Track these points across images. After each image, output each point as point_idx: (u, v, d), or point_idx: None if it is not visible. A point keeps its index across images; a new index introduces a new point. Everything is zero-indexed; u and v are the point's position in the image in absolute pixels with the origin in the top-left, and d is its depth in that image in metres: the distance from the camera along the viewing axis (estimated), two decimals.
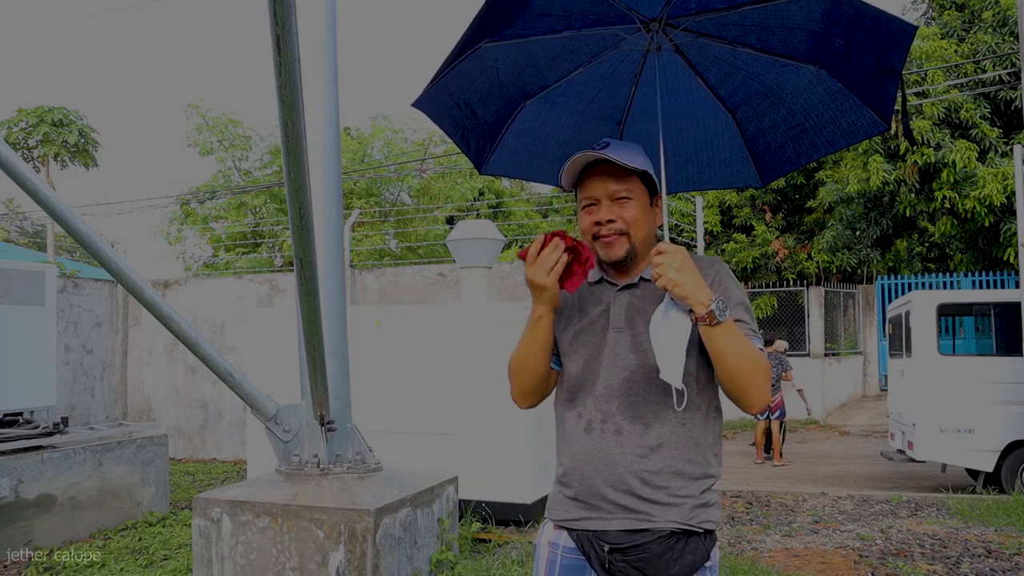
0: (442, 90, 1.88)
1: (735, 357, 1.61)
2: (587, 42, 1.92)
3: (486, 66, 1.86)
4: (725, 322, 1.59)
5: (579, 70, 2.02)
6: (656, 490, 1.69)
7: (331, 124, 4.16)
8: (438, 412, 5.89)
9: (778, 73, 1.95)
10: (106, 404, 10.40)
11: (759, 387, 1.64)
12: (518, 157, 2.17)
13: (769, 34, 1.87)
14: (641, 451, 1.70)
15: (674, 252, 1.60)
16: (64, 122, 18.24)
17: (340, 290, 4.17)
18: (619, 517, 1.70)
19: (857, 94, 1.91)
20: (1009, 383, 7.44)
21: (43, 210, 3.52)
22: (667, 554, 1.68)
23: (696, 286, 1.58)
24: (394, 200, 21.29)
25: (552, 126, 2.12)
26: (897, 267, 15.94)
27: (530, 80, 2.02)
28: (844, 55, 1.83)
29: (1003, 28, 14.53)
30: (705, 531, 1.72)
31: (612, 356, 1.75)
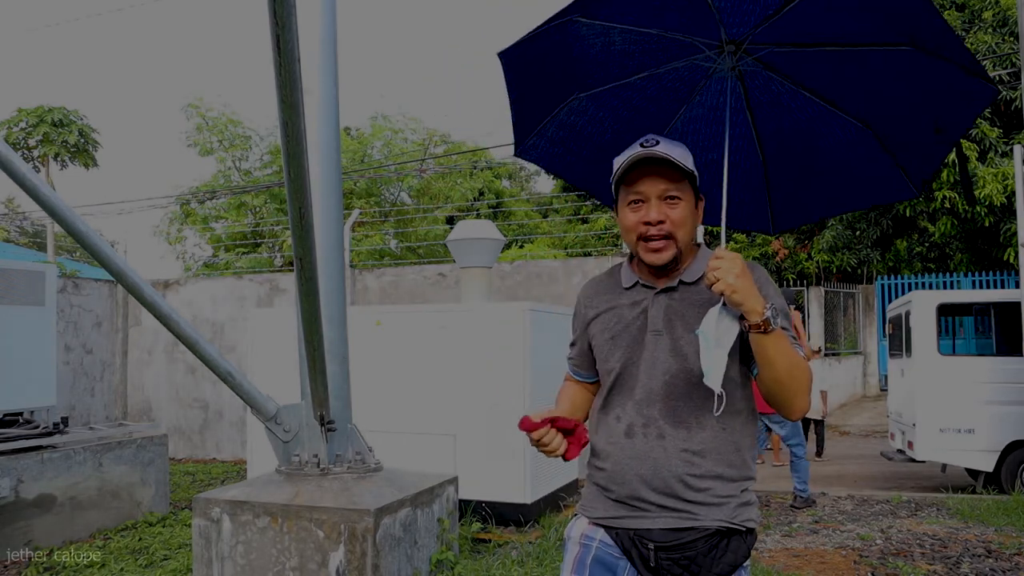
0: (521, 53, 1.84)
1: (784, 365, 1.62)
2: (665, 45, 1.88)
3: (565, 42, 1.81)
4: (777, 330, 1.59)
5: (643, 74, 1.97)
6: (699, 492, 1.70)
7: (331, 124, 4.16)
8: (438, 412, 5.89)
9: (824, 124, 1.91)
10: (106, 404, 10.40)
11: (804, 395, 1.66)
12: (554, 149, 2.12)
13: (833, 81, 1.82)
14: (685, 455, 1.71)
15: (732, 258, 1.59)
16: (64, 122, 18.23)
17: (340, 290, 4.17)
18: (663, 516, 1.71)
19: (896, 156, 1.86)
20: (1009, 383, 7.44)
21: (43, 210, 3.51)
22: (712, 552, 1.70)
23: (752, 293, 1.58)
24: (394, 200, 21.29)
25: (595, 126, 2.08)
26: (897, 267, 15.94)
27: (591, 72, 1.97)
28: (901, 116, 1.78)
29: (1003, 28, 14.53)
30: (747, 529, 1.74)
31: (651, 360, 1.75)
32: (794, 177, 2.07)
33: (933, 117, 1.84)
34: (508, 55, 1.86)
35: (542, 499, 5.82)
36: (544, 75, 1.94)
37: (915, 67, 1.75)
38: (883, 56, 1.77)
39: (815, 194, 2.07)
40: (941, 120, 1.81)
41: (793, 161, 2.04)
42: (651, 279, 1.81)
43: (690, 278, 1.77)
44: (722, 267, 1.58)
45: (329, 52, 4.14)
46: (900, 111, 1.79)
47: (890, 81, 1.77)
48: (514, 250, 20.14)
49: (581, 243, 20.32)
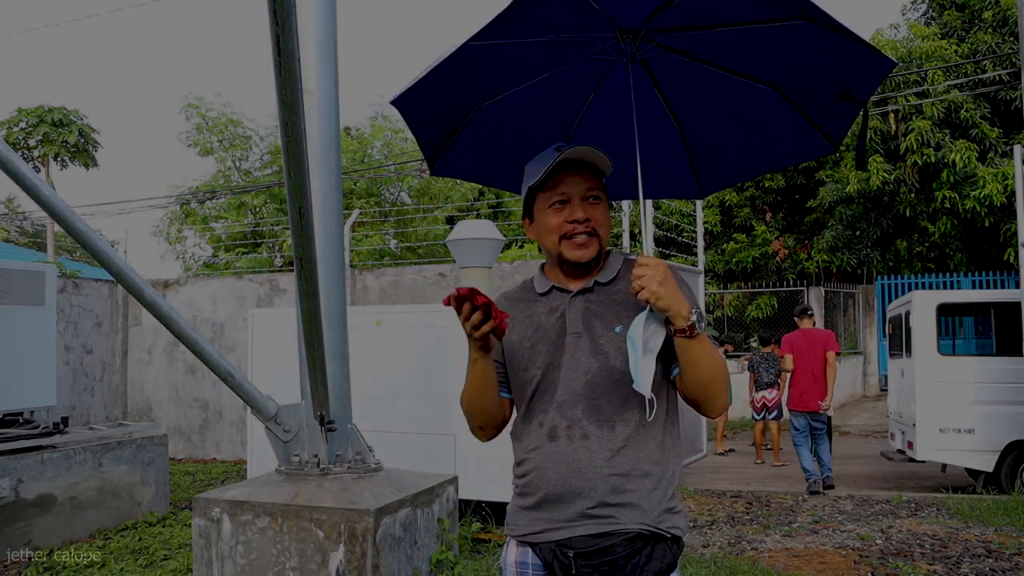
0: (420, 91, 1.86)
1: (707, 366, 1.64)
2: (563, 48, 1.92)
3: (463, 65, 1.83)
4: (702, 334, 1.61)
5: (545, 75, 2.01)
6: (624, 493, 1.67)
7: (331, 124, 4.16)
8: (438, 412, 5.89)
9: (733, 90, 1.97)
10: (106, 404, 10.40)
11: (721, 395, 1.69)
12: (469, 160, 2.14)
13: (735, 53, 1.88)
14: (609, 454, 1.68)
15: (655, 265, 1.59)
16: (64, 122, 18.24)
17: (340, 290, 4.17)
18: (584, 523, 1.68)
19: (810, 116, 1.93)
20: (1009, 383, 7.44)
21: (43, 210, 3.52)
22: (634, 558, 1.66)
23: (677, 299, 1.59)
24: (394, 200, 21.28)
25: (507, 129, 2.10)
26: (897, 267, 15.94)
27: (494, 82, 2.00)
28: (806, 77, 1.85)
29: (1003, 28, 14.53)
30: (672, 537, 1.70)
31: (572, 361, 1.74)
32: (713, 140, 2.12)
33: (835, 81, 1.90)
34: (402, 101, 1.88)
35: None
36: (444, 98, 1.97)
37: (810, 37, 1.80)
38: (777, 30, 1.82)
39: (738, 155, 2.13)
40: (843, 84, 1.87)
41: (710, 126, 2.10)
42: (567, 283, 1.81)
43: (605, 278, 1.78)
44: (646, 274, 1.59)
45: (329, 52, 4.14)
46: (804, 75, 1.85)
47: (789, 50, 1.82)
48: (514, 250, 20.13)
49: None
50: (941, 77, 14.33)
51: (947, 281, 14.71)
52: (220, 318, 10.22)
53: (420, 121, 2.01)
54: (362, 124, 22.07)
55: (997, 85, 14.28)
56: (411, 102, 1.91)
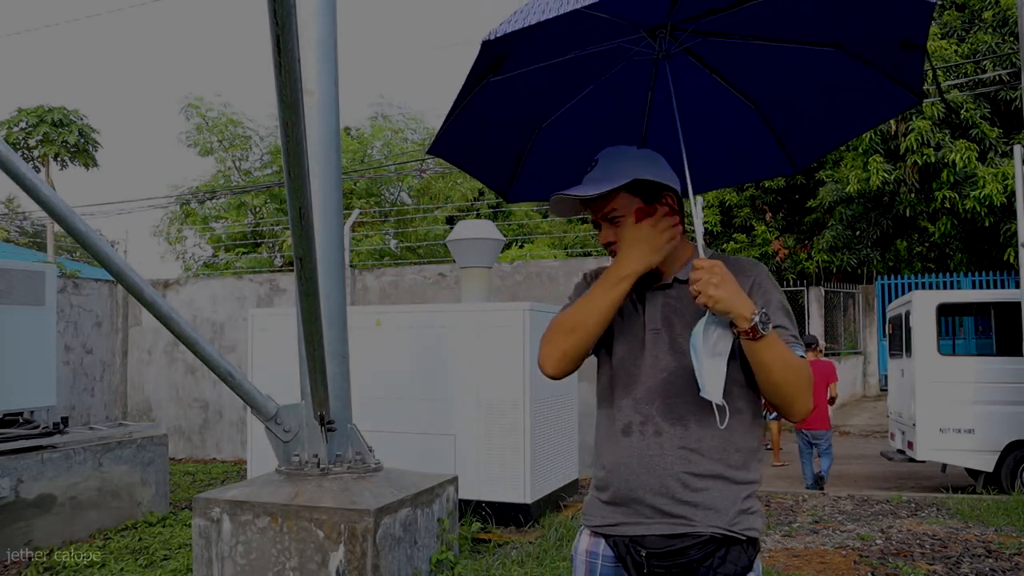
0: (456, 132, 1.86)
1: (778, 369, 1.58)
2: (594, 60, 1.89)
3: (496, 100, 1.83)
4: (768, 335, 1.55)
5: (591, 87, 1.99)
6: (697, 493, 1.65)
7: (331, 124, 4.16)
8: (438, 412, 5.89)
9: (796, 59, 1.89)
10: (106, 404, 10.40)
11: (802, 398, 1.62)
12: (542, 181, 2.13)
13: (779, 24, 1.81)
14: (682, 453, 1.67)
15: (711, 267, 1.56)
16: (64, 122, 18.25)
17: (340, 290, 4.17)
18: (658, 522, 1.67)
19: (883, 70, 1.84)
20: (1009, 383, 7.44)
21: (43, 210, 3.52)
22: (707, 560, 1.64)
23: (737, 300, 1.54)
24: (394, 200, 21.29)
25: (572, 144, 2.09)
26: (897, 267, 15.95)
27: (543, 104, 2.00)
28: (863, 33, 1.76)
29: (1003, 28, 14.52)
30: (748, 539, 1.67)
31: (652, 358, 1.73)
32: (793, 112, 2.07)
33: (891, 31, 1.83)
34: (441, 147, 1.88)
35: (542, 499, 5.82)
36: (495, 131, 1.97)
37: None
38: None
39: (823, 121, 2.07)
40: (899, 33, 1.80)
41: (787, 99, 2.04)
42: (647, 278, 1.80)
43: (685, 275, 1.75)
44: (702, 278, 1.56)
45: (329, 52, 4.14)
46: (861, 30, 1.78)
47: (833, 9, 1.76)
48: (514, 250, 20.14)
49: (581, 243, 20.33)
50: (941, 77, 14.33)
51: (947, 281, 14.72)
52: (220, 318, 10.22)
53: (474, 162, 2.02)
54: (362, 124, 22.08)
55: (997, 85, 14.28)
56: (451, 147, 1.91)
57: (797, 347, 1.65)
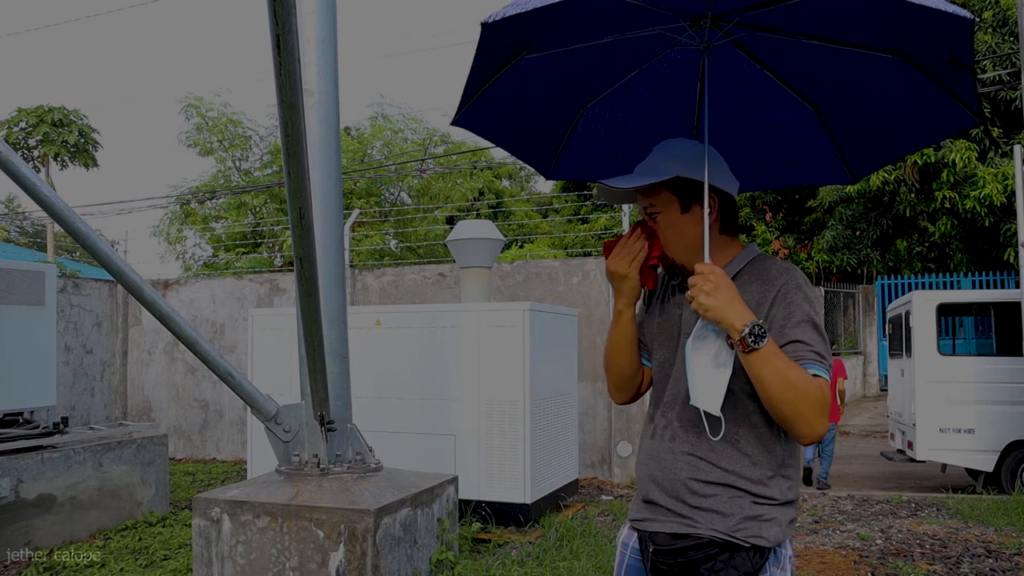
0: (486, 106, 1.83)
1: (775, 387, 1.50)
2: (636, 45, 1.84)
3: (534, 77, 1.80)
4: (761, 349, 1.49)
5: (635, 71, 1.94)
6: (703, 498, 1.64)
7: (331, 124, 4.16)
8: (438, 412, 5.89)
9: (855, 62, 1.79)
10: (106, 404, 10.39)
11: (806, 420, 1.51)
12: (586, 160, 2.12)
13: (832, 23, 1.72)
14: (691, 459, 1.67)
15: (707, 273, 1.53)
16: (64, 122, 18.25)
17: (340, 290, 4.17)
18: (669, 520, 1.69)
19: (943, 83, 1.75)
20: (1009, 383, 7.44)
21: (43, 210, 3.52)
22: (708, 563, 1.63)
23: (728, 310, 1.50)
24: (394, 200, 21.28)
25: (618, 126, 2.07)
26: (897, 267, 15.95)
27: (587, 84, 1.96)
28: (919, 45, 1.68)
29: (1003, 28, 14.52)
30: (753, 547, 1.62)
31: (681, 362, 1.71)
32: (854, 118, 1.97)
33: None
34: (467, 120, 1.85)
35: (542, 499, 5.82)
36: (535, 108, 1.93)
37: (894, 73, 1.71)
38: (863, 57, 1.73)
39: (884, 132, 1.97)
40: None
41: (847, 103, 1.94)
42: None
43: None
44: (696, 283, 1.53)
45: (329, 52, 4.14)
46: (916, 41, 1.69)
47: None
48: (514, 250, 20.14)
49: (581, 243, 20.32)
50: None
51: (947, 281, 14.71)
52: (220, 318, 10.22)
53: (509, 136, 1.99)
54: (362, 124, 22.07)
55: (997, 85, 14.28)
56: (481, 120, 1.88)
57: (812, 365, 1.55)
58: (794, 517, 1.69)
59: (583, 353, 7.76)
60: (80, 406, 9.99)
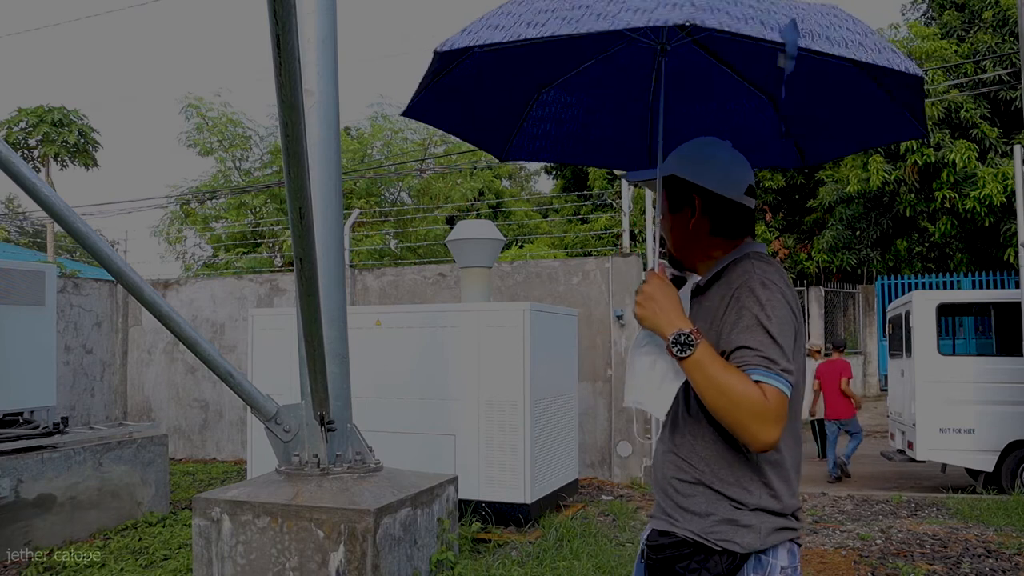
0: (435, 96, 1.89)
1: (708, 394, 1.51)
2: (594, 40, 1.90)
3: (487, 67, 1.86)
4: (692, 357, 1.50)
5: (591, 62, 2.03)
6: (684, 498, 1.68)
7: (331, 124, 4.16)
8: (438, 412, 5.89)
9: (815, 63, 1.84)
10: (106, 404, 10.39)
11: (744, 427, 1.48)
12: (540, 142, 2.23)
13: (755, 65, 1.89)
14: (672, 458, 1.72)
15: (644, 282, 1.61)
16: (64, 122, 18.24)
17: (340, 290, 4.17)
18: (660, 518, 1.74)
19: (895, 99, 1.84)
20: (1009, 383, 7.44)
21: (43, 210, 3.52)
22: (682, 562, 1.65)
23: (658, 319, 1.57)
24: (394, 200, 21.27)
25: (575, 108, 2.17)
26: (897, 267, 15.95)
27: (542, 72, 2.05)
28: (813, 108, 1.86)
29: (1003, 28, 14.52)
30: (723, 550, 1.60)
31: None
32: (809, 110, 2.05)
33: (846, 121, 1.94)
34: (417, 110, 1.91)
35: (542, 499, 5.82)
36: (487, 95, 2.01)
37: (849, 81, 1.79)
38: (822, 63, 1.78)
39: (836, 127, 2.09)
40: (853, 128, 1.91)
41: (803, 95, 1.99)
42: None
43: (702, 281, 1.74)
44: (638, 291, 1.61)
45: (329, 52, 4.14)
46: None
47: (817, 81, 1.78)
48: (514, 250, 20.13)
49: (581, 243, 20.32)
50: (941, 77, 14.33)
51: (947, 281, 14.71)
52: (220, 318, 10.22)
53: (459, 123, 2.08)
54: (362, 124, 22.06)
55: (997, 85, 14.28)
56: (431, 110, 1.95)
57: (756, 371, 1.49)
58: (783, 527, 1.62)
59: (583, 353, 7.76)
60: (80, 406, 9.98)
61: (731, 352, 1.54)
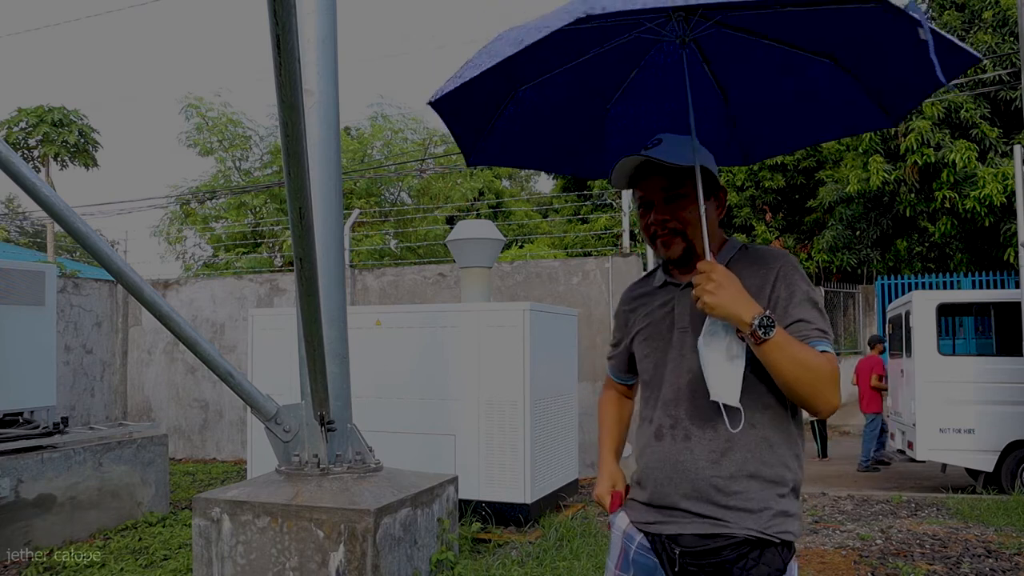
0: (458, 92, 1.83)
1: (789, 370, 1.55)
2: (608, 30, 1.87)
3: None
4: (772, 338, 1.52)
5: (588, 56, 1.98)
6: (732, 496, 1.64)
7: (331, 124, 4.16)
8: (438, 412, 5.89)
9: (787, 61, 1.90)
10: (106, 404, 10.39)
11: (822, 395, 1.57)
12: (510, 146, 2.13)
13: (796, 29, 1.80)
14: (712, 456, 1.66)
15: (710, 271, 1.55)
16: (64, 122, 18.25)
17: (340, 290, 4.17)
18: (694, 522, 1.67)
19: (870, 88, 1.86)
20: (1009, 383, 7.44)
21: (43, 210, 3.52)
22: (741, 562, 1.63)
23: (735, 305, 1.53)
24: (394, 200, 21.27)
25: (544, 110, 2.09)
26: (897, 267, 15.94)
27: (532, 67, 1.97)
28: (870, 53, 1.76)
29: (1003, 28, 14.52)
30: (783, 542, 1.64)
31: (678, 357, 1.73)
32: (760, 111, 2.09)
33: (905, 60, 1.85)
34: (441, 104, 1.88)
35: (542, 499, 5.82)
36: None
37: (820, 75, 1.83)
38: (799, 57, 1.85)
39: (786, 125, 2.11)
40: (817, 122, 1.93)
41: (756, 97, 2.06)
42: (678, 276, 1.80)
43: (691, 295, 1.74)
44: (700, 283, 1.55)
45: (329, 52, 4.14)
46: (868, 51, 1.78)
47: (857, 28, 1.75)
48: (514, 250, 20.14)
49: (581, 243, 20.33)
50: None
51: (947, 281, 14.70)
52: (220, 318, 10.22)
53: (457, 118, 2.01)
54: (362, 124, 22.06)
55: (997, 85, 14.28)
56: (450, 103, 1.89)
57: (820, 341, 1.60)
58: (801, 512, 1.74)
59: (583, 353, 7.76)
60: (80, 406, 9.99)
61: (787, 325, 1.61)
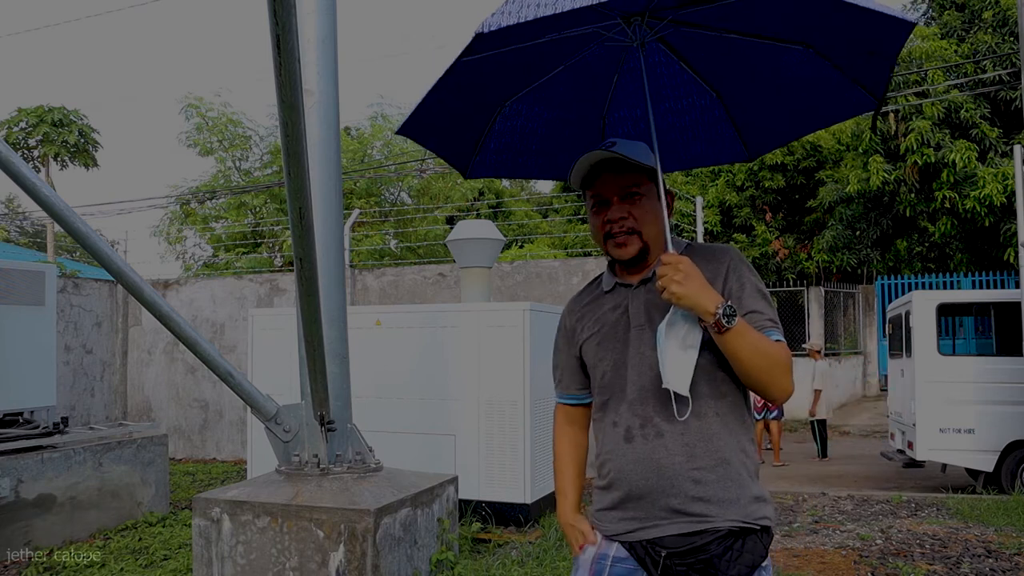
0: (423, 112, 1.89)
1: (748, 358, 1.61)
2: (569, 43, 1.93)
3: (466, 79, 1.85)
4: (735, 327, 1.57)
5: (560, 68, 2.03)
6: (708, 487, 1.66)
7: (331, 124, 4.16)
8: (438, 412, 5.89)
9: (763, 53, 1.95)
10: (106, 404, 10.39)
11: (777, 383, 1.64)
12: (502, 157, 2.18)
13: (754, 19, 1.87)
14: (686, 449, 1.68)
15: (676, 263, 1.59)
16: (64, 122, 18.25)
17: (340, 290, 4.17)
18: (675, 521, 1.67)
19: (847, 72, 1.91)
20: (1009, 383, 7.44)
21: (43, 210, 3.52)
22: (727, 554, 1.65)
23: (700, 296, 1.57)
24: (394, 200, 21.27)
25: (535, 121, 2.14)
26: (897, 267, 15.94)
27: (511, 82, 2.02)
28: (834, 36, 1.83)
29: (1003, 28, 14.52)
30: (762, 528, 1.69)
31: (638, 355, 1.74)
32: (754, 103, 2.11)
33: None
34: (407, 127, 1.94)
35: (542, 499, 5.82)
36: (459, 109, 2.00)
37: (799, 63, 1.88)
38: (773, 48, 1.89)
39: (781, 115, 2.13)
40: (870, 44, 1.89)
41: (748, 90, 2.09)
42: (627, 278, 1.82)
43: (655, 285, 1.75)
44: (666, 273, 1.59)
45: (329, 52, 4.14)
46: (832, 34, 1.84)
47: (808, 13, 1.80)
48: (514, 250, 20.14)
49: (581, 243, 20.32)
50: (941, 77, 14.33)
51: (947, 281, 14.70)
52: (220, 318, 10.22)
53: (437, 140, 2.06)
54: (362, 124, 22.07)
55: (997, 85, 14.28)
56: (418, 127, 1.95)
57: (773, 331, 1.67)
58: None
59: None
60: (80, 406, 9.99)
61: (743, 316, 1.65)
